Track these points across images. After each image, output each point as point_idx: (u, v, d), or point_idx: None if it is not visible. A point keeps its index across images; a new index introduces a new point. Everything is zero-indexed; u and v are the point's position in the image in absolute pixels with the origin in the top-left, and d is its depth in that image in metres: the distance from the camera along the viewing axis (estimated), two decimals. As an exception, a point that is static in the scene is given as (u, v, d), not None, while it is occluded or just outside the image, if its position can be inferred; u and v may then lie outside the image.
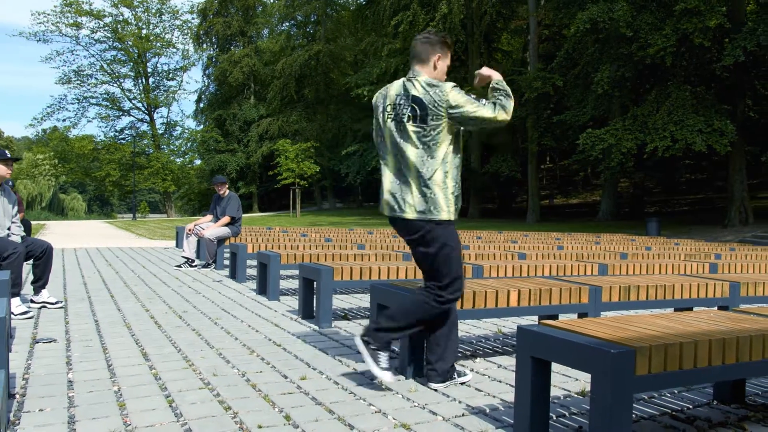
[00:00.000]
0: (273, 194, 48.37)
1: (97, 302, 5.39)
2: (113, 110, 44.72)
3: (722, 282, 4.39)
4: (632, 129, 18.74)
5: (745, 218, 19.54)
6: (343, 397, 2.90)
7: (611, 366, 2.09)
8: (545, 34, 30.61)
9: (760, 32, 16.62)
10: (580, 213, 30.92)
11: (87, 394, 2.83)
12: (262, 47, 47.32)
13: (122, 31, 43.04)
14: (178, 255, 10.31)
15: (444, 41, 3.05)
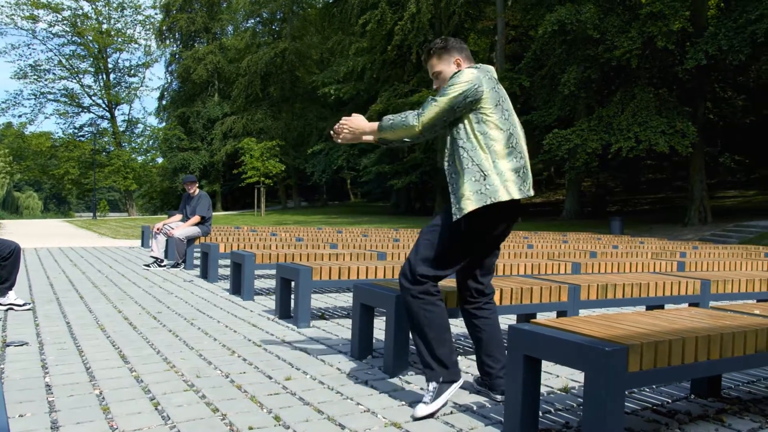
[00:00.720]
0: (237, 193, 47.90)
1: (67, 303, 5.25)
2: (72, 106, 43.71)
3: (693, 280, 4.51)
4: (597, 130, 19.10)
5: (704, 217, 20.11)
6: (330, 396, 2.88)
7: (606, 363, 2.12)
8: (512, 34, 30.97)
9: (721, 37, 17.11)
10: (544, 212, 31.39)
11: (67, 398, 2.75)
12: (226, 44, 46.80)
13: (82, 26, 42.08)
14: (145, 254, 10.11)
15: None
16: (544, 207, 33.92)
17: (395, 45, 28.59)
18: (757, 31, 16.56)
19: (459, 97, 2.65)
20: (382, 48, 30.00)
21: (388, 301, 3.27)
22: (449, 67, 2.85)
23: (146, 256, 9.72)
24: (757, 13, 16.67)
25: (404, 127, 2.70)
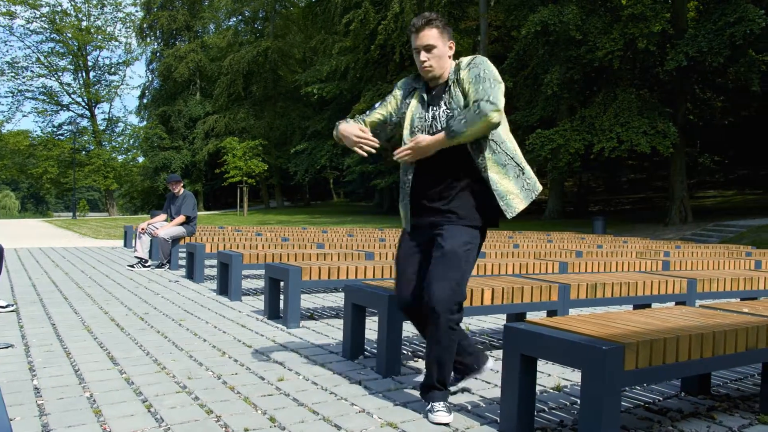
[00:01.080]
0: (218, 192, 47.61)
1: (51, 305, 5.17)
2: (51, 104, 43.12)
3: (680, 279, 4.56)
4: (580, 130, 19.26)
5: (684, 217, 20.36)
6: (324, 397, 2.86)
7: (603, 362, 2.14)
8: (494, 35, 31.09)
9: (701, 39, 17.34)
10: (527, 211, 31.57)
11: (57, 401, 2.71)
12: (208, 42, 46.45)
13: (60, 23, 41.50)
14: (128, 255, 10.00)
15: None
16: (527, 206, 34.12)
17: (378, 44, 28.58)
18: (736, 33, 16.82)
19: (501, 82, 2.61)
20: (366, 47, 29.99)
21: (381, 301, 3.26)
22: (444, 47, 2.69)
23: (129, 257, 9.62)
24: (736, 15, 16.92)
25: (482, 119, 2.48)
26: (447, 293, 2.54)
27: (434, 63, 2.68)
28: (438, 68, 2.69)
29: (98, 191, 60.70)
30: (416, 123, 2.74)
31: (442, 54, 2.68)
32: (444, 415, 2.58)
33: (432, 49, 2.66)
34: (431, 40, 2.65)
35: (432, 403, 2.63)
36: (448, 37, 2.71)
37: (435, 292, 2.55)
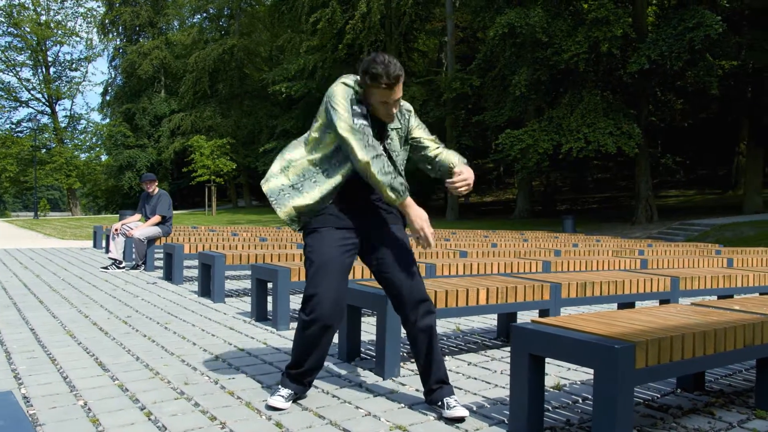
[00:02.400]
0: (185, 191, 46.85)
1: (27, 309, 5.00)
2: (9, 101, 41.80)
3: (664, 277, 4.64)
4: (548, 130, 19.52)
5: (650, 216, 20.81)
6: (327, 401, 2.82)
7: (615, 360, 2.15)
8: (460, 35, 31.31)
9: (662, 43, 17.74)
10: (495, 210, 31.90)
11: (50, 410, 2.61)
12: (172, 39, 45.68)
13: (18, 16, 40.28)
14: (99, 256, 9.76)
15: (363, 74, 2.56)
16: (495, 206, 34.47)
17: (346, 44, 28.49)
18: (695, 38, 17.28)
19: None
20: (333, 46, 29.86)
21: (380, 302, 3.24)
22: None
23: (101, 258, 9.38)
24: (694, 21, 17.38)
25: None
26: (424, 290, 2.74)
27: (394, 110, 2.64)
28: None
29: (59, 190, 59.24)
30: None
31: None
32: (463, 408, 2.61)
33: (398, 103, 2.62)
34: (401, 89, 2.60)
35: (446, 399, 2.64)
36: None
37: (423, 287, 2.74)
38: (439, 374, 2.70)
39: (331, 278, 2.62)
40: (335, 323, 2.65)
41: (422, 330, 2.70)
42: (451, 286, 3.61)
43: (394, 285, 2.71)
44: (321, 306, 2.60)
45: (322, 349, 2.71)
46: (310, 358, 2.70)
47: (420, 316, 2.69)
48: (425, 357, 2.71)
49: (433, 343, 2.70)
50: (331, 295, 2.61)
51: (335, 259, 2.64)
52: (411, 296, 2.69)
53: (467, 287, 3.59)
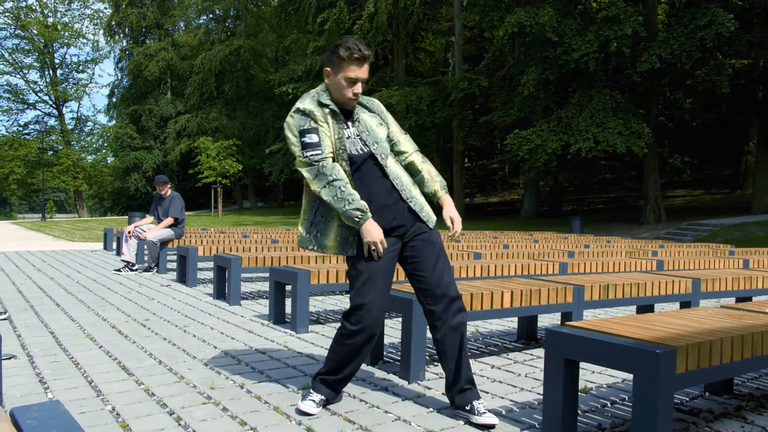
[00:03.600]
0: (191, 193, 46.89)
1: (44, 312, 5.00)
2: (16, 103, 41.91)
3: (685, 279, 4.59)
4: (557, 130, 19.45)
5: (659, 216, 20.72)
6: (355, 405, 2.80)
7: (657, 365, 2.12)
8: (468, 35, 31.26)
9: (673, 41, 17.66)
10: (501, 211, 31.82)
11: (80, 415, 2.59)
12: (179, 41, 45.74)
13: (26, 18, 40.39)
14: (111, 258, 9.76)
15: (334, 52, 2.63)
16: (501, 206, 34.40)
17: (354, 44, 28.42)
18: (706, 36, 17.18)
19: None
20: (341, 47, 29.80)
21: (406, 305, 3.21)
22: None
23: (113, 260, 9.39)
24: (706, 19, 17.28)
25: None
26: (456, 290, 2.73)
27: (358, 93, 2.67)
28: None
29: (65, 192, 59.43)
30: (345, 143, 2.65)
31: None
32: (493, 416, 2.58)
33: (365, 82, 2.67)
34: (367, 74, 2.65)
35: (474, 404, 2.61)
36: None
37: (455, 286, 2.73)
38: (468, 374, 2.68)
39: (379, 289, 2.63)
40: (378, 331, 2.68)
41: (454, 328, 2.67)
42: (474, 289, 3.58)
43: (428, 282, 2.68)
44: (369, 316, 2.61)
45: (362, 357, 2.71)
46: (350, 366, 2.70)
47: (452, 314, 2.67)
48: (456, 356, 2.67)
49: (463, 342, 2.69)
50: (378, 304, 2.63)
51: (383, 269, 2.64)
52: (444, 293, 2.67)
53: (491, 290, 3.56)
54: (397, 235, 2.69)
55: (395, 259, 2.72)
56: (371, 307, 2.61)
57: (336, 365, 2.70)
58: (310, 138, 2.60)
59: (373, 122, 2.74)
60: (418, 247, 2.70)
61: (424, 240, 2.71)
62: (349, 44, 2.58)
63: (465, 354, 2.68)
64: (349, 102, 2.66)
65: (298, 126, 2.62)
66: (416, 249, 2.71)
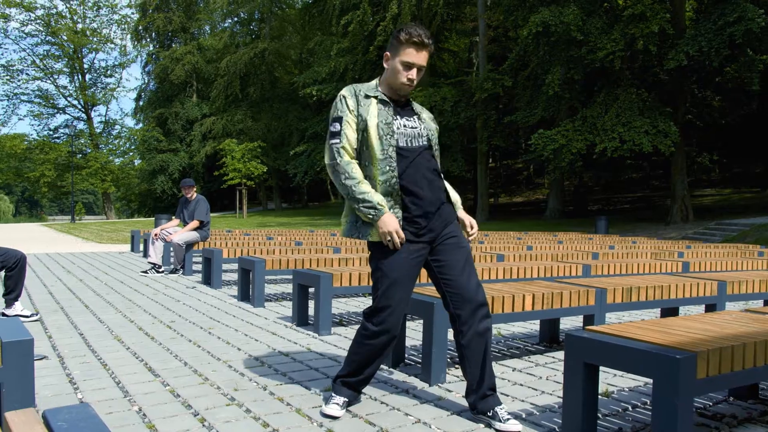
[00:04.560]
0: (215, 194, 47.46)
1: (74, 313, 5.12)
2: (47, 107, 42.86)
3: (710, 281, 4.54)
4: (582, 130, 19.28)
5: (686, 216, 20.41)
6: (376, 407, 2.83)
7: (677, 370, 2.11)
8: (491, 35, 31.13)
9: (701, 38, 17.39)
10: (526, 211, 31.61)
11: (107, 416, 2.66)
12: (204, 44, 46.30)
13: (56, 25, 41.28)
14: (138, 260, 9.94)
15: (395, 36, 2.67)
16: (525, 206, 34.18)
17: (377, 46, 28.56)
18: (735, 32, 16.87)
19: None
20: (364, 48, 29.95)
21: (427, 308, 3.23)
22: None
23: (140, 262, 9.55)
24: (735, 15, 16.98)
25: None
26: (483, 293, 2.73)
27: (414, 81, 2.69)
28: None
29: (93, 194, 60.46)
30: (394, 130, 2.65)
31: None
32: (516, 422, 2.57)
33: (421, 70, 2.66)
34: (425, 62, 2.66)
35: (497, 410, 2.61)
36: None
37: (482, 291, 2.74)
38: (491, 381, 2.68)
39: (403, 293, 2.66)
40: (398, 333, 2.71)
41: (480, 333, 2.67)
42: (495, 292, 3.59)
43: (456, 287, 2.68)
44: (392, 318, 2.64)
45: (382, 358, 2.74)
46: (370, 367, 2.73)
47: (479, 320, 2.66)
48: (480, 362, 2.67)
49: (488, 348, 2.69)
50: (402, 307, 2.66)
51: (408, 274, 2.66)
52: (472, 299, 2.66)
53: (513, 293, 3.57)
54: (426, 240, 2.69)
55: (421, 264, 2.71)
56: (395, 309, 2.64)
57: (357, 366, 2.74)
58: (334, 127, 2.67)
59: (432, 124, 2.84)
60: (447, 251, 2.69)
61: (453, 244, 2.70)
62: (410, 29, 2.60)
63: (489, 360, 2.68)
64: (403, 87, 2.67)
65: (332, 113, 2.71)
66: (444, 252, 2.70)
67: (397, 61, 2.63)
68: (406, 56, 2.60)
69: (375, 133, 2.62)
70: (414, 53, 2.60)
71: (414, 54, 2.60)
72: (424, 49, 2.62)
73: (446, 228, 2.73)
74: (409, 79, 2.64)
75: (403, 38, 2.60)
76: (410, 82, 2.65)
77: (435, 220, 2.68)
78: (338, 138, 2.63)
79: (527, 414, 2.80)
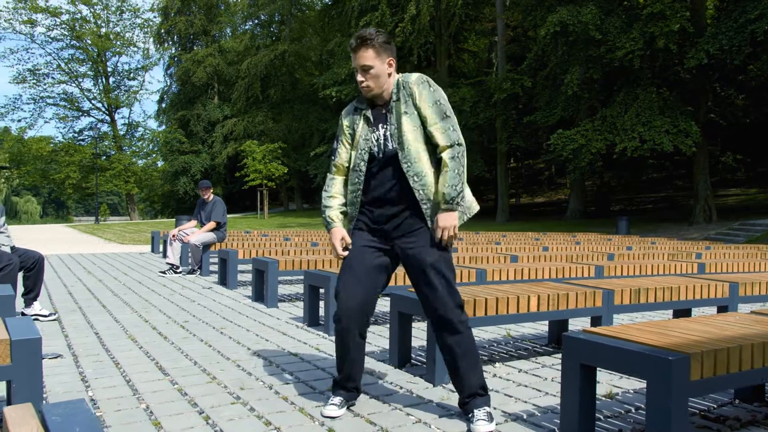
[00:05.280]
0: (237, 195, 47.87)
1: (91, 313, 5.24)
2: (72, 110, 43.61)
3: (722, 283, 4.50)
4: (601, 130, 19.12)
5: (709, 216, 20.13)
6: (378, 407, 2.87)
7: (669, 372, 2.12)
8: (510, 35, 30.99)
9: (722, 36, 17.14)
10: (547, 212, 31.40)
11: (115, 413, 2.74)
12: (225, 47, 46.71)
13: (80, 29, 41.96)
14: (158, 260, 10.09)
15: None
16: (546, 206, 33.95)
17: (396, 46, 28.57)
18: (757, 30, 16.60)
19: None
20: (383, 50, 29.98)
21: (430, 309, 3.26)
22: (382, 66, 2.66)
23: (159, 262, 9.71)
24: (757, 12, 16.70)
25: (463, 164, 2.61)
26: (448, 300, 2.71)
27: (372, 83, 2.67)
28: (377, 87, 2.68)
29: (118, 195, 61.38)
30: (363, 145, 2.72)
31: (379, 73, 2.66)
32: (487, 423, 2.57)
33: (369, 70, 2.64)
34: (367, 61, 2.63)
35: (475, 412, 2.62)
36: (387, 55, 2.68)
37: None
38: (470, 388, 2.66)
39: (353, 279, 2.69)
40: (356, 329, 2.69)
41: (446, 348, 2.70)
42: (501, 293, 3.61)
43: (420, 300, 2.73)
44: (342, 305, 2.69)
45: (352, 354, 2.73)
46: (345, 363, 2.76)
47: (444, 334, 2.67)
48: (452, 373, 2.71)
49: (457, 362, 2.67)
50: (354, 296, 2.67)
51: (359, 261, 2.71)
52: (433, 313, 2.68)
53: (518, 294, 3.58)
54: (383, 237, 2.74)
55: (379, 260, 2.73)
56: (347, 296, 2.67)
57: (337, 364, 2.80)
58: (334, 144, 2.86)
59: (398, 113, 2.68)
60: (407, 264, 2.71)
61: (411, 256, 2.66)
62: (352, 37, 2.67)
63: (464, 369, 2.66)
64: (363, 91, 2.72)
65: (339, 126, 2.89)
66: (406, 264, 2.72)
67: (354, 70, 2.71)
68: (353, 62, 2.68)
69: (356, 147, 2.76)
70: (354, 57, 2.67)
71: (354, 58, 2.67)
72: (359, 50, 2.64)
73: (405, 237, 2.69)
74: (360, 83, 2.69)
75: (350, 47, 2.70)
76: (362, 84, 2.68)
77: (389, 226, 2.72)
78: (334, 155, 2.84)
79: (528, 415, 2.82)
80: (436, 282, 2.64)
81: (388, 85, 2.71)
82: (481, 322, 3.42)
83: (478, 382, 2.67)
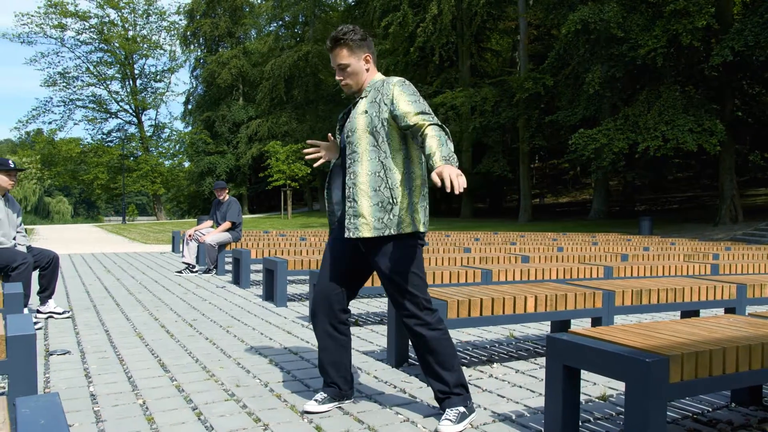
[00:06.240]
0: (262, 195, 48.35)
1: (104, 311, 5.37)
2: (100, 112, 44.51)
3: (729, 284, 4.45)
4: (624, 129, 18.90)
5: (735, 216, 19.76)
6: (368, 406, 2.91)
7: (647, 374, 2.12)
8: (534, 34, 30.78)
9: (747, 32, 16.82)
10: (570, 212, 31.12)
11: (112, 408, 2.82)
12: (250, 48, 47.21)
13: (108, 33, 42.82)
14: (177, 260, 10.26)
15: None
16: (570, 207, 33.63)
17: (418, 46, 28.61)
18: (785, 25, 16.28)
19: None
20: (405, 50, 30.06)
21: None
22: (358, 63, 2.67)
23: (178, 262, 9.87)
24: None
25: (448, 135, 2.49)
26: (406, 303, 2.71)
27: (350, 80, 2.70)
28: (355, 84, 2.72)
29: (146, 195, 62.32)
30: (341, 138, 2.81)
31: (357, 71, 2.69)
32: (451, 425, 2.57)
33: (346, 68, 2.68)
34: (343, 59, 2.67)
35: (447, 410, 2.65)
36: (363, 52, 2.69)
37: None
38: (439, 385, 2.69)
39: (324, 272, 2.82)
40: (319, 310, 2.78)
41: (413, 346, 2.75)
42: (498, 294, 3.62)
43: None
44: (315, 296, 2.81)
45: (324, 345, 2.79)
46: (319, 355, 2.83)
47: (409, 333, 2.72)
48: (423, 367, 2.74)
49: (425, 358, 2.69)
50: (323, 289, 2.79)
51: (331, 255, 2.81)
52: (397, 313, 2.76)
53: (515, 295, 3.59)
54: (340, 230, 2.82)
55: (346, 256, 2.78)
56: (319, 288, 2.80)
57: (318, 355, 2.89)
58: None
59: (359, 110, 2.68)
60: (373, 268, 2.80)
61: (374, 263, 2.70)
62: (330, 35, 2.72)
63: (433, 367, 2.68)
64: (344, 90, 2.78)
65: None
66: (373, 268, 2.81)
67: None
68: (331, 62, 2.74)
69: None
70: (331, 57, 2.73)
71: (331, 58, 2.72)
72: (335, 49, 2.69)
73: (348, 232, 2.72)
74: (338, 81, 2.75)
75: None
76: (341, 83, 2.74)
77: (341, 217, 2.82)
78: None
79: (517, 416, 2.83)
80: (390, 288, 2.69)
81: (365, 82, 2.75)
82: (478, 322, 3.44)
83: (454, 381, 2.69)
